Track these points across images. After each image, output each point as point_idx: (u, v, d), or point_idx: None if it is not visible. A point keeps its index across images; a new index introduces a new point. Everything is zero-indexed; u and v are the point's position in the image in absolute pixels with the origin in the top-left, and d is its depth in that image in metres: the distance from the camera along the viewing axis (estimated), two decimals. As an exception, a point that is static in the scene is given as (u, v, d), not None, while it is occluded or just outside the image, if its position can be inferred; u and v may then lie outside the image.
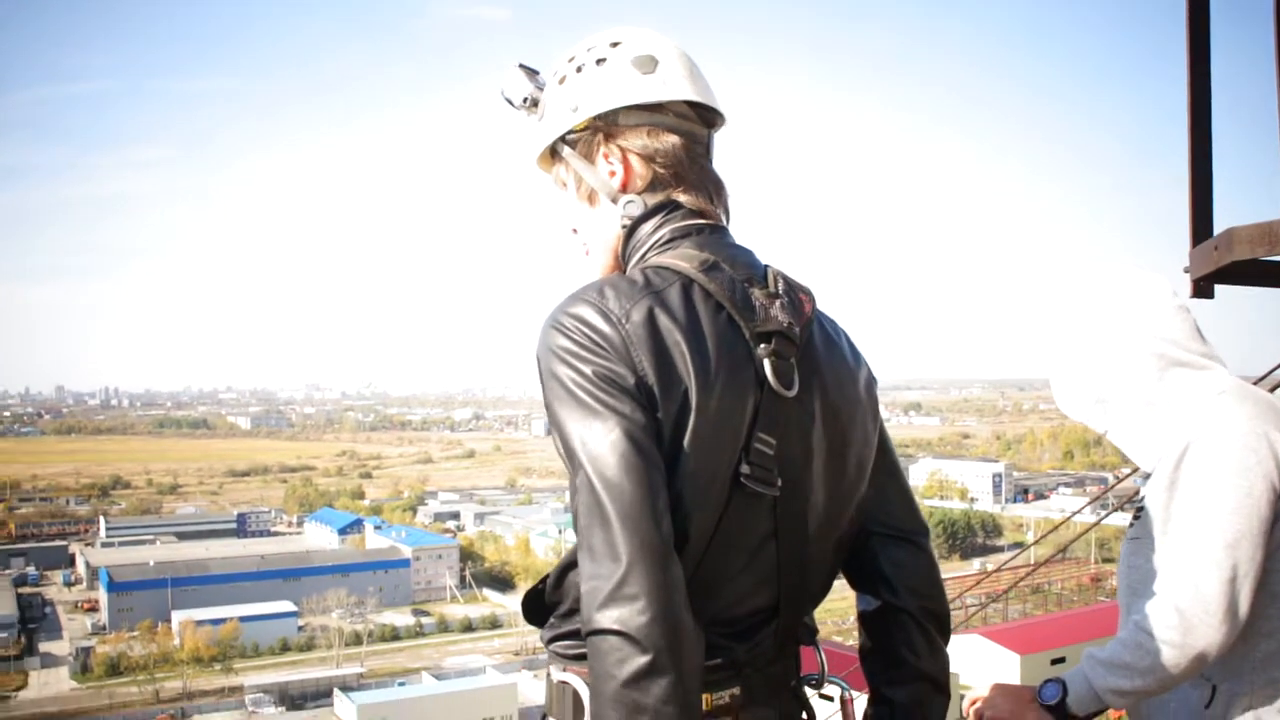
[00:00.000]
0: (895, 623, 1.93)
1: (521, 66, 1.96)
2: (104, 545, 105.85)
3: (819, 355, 1.80)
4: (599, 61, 1.86)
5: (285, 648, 77.39)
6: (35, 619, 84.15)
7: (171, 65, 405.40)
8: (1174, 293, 2.44)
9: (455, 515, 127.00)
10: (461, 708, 52.43)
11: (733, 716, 1.70)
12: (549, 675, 1.78)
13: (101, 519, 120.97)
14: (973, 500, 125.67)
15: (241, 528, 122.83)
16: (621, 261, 1.87)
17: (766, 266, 1.83)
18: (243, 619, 76.34)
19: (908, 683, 1.92)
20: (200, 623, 73.62)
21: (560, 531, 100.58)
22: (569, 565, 1.73)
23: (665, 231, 1.82)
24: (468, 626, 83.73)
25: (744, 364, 1.68)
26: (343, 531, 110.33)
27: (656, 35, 1.90)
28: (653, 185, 1.84)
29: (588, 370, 1.59)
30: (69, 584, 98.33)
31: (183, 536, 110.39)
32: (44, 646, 77.54)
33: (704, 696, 1.65)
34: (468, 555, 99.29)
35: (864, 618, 1.98)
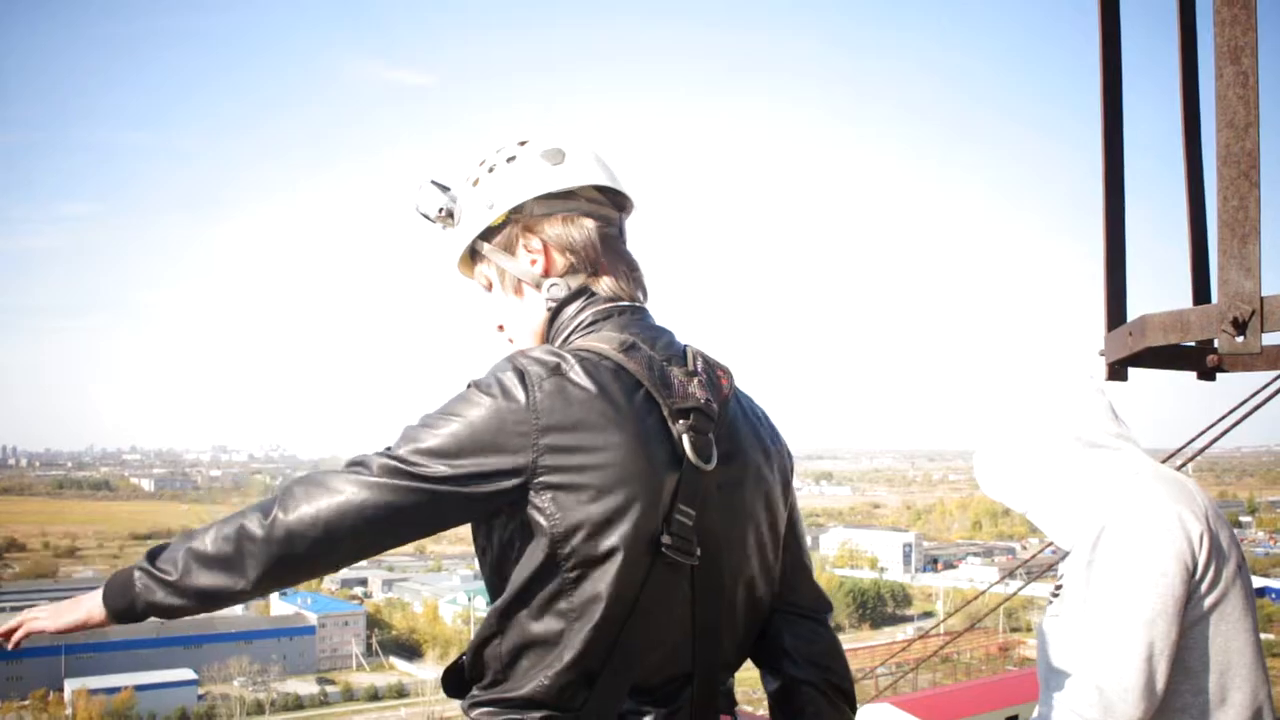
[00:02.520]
0: (801, 696, 1.98)
1: (434, 182, 2.04)
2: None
3: (737, 431, 1.89)
4: (509, 159, 1.98)
5: (184, 717, 74.94)
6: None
7: (94, 118, 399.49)
8: (1090, 377, 2.54)
9: (363, 581, 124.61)
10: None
11: None
12: None
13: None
14: (883, 570, 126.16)
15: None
16: (547, 344, 1.93)
17: (686, 346, 1.92)
18: (139, 688, 73.76)
19: None
20: (94, 691, 70.97)
21: (470, 599, 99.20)
22: (487, 638, 1.79)
23: (587, 315, 1.91)
24: (374, 695, 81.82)
25: (662, 439, 1.75)
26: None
27: (564, 130, 2.06)
28: (572, 269, 1.95)
29: (464, 431, 1.69)
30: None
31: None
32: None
33: None
34: (375, 622, 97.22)
35: (772, 696, 2.03)
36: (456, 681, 1.89)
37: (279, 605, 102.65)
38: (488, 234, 1.99)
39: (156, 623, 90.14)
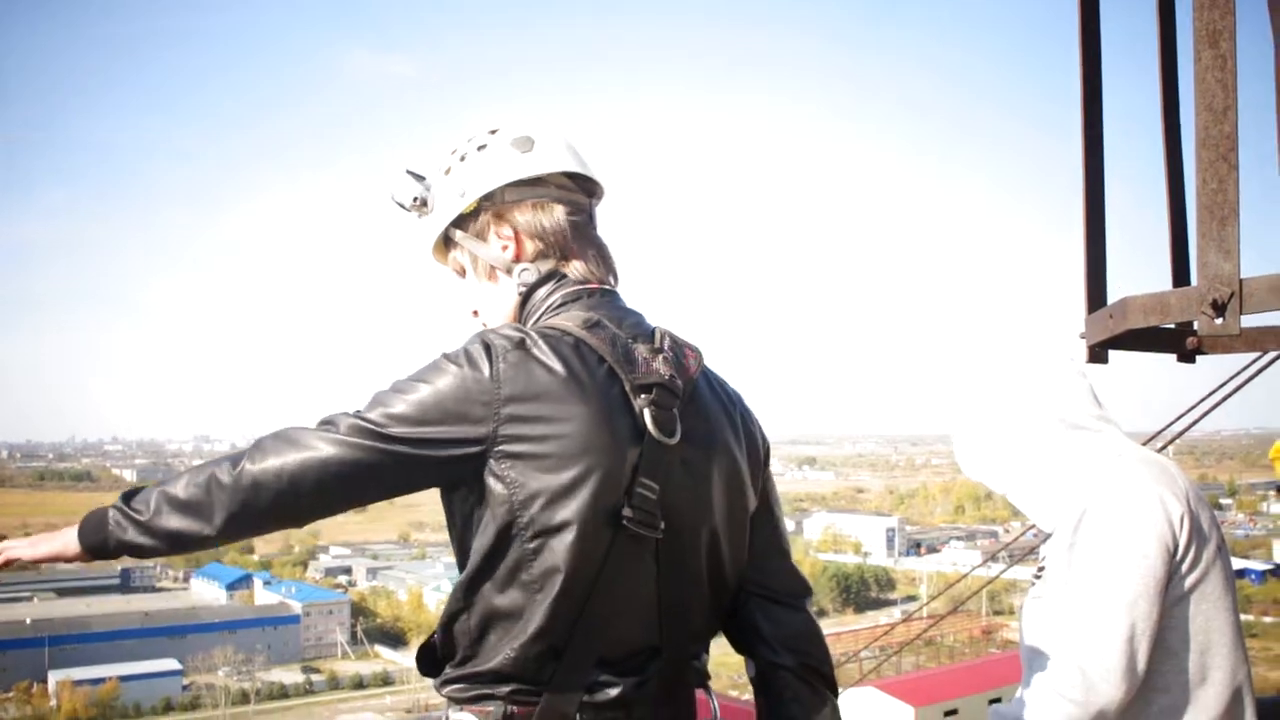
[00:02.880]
0: (780, 681, 2.01)
1: (408, 171, 2.08)
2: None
3: (704, 409, 1.93)
4: (480, 148, 2.03)
5: (169, 707, 74.86)
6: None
7: (77, 111, 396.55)
8: (1071, 359, 2.55)
9: (347, 570, 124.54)
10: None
11: None
12: (445, 717, 1.85)
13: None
14: (866, 554, 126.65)
15: (125, 583, 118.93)
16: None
17: (655, 327, 1.96)
18: (124, 678, 73.70)
19: None
20: (79, 682, 70.93)
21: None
22: (455, 614, 1.83)
23: (557, 297, 1.96)
24: (359, 683, 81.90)
25: (624, 413, 1.79)
26: (230, 587, 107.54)
27: (533, 119, 2.06)
28: (543, 255, 2.00)
29: (430, 399, 1.74)
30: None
31: (62, 593, 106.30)
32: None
33: None
34: (359, 611, 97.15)
35: (754, 682, 2.06)
36: (430, 660, 1.92)
37: (263, 594, 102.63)
38: (460, 221, 2.04)
39: (141, 612, 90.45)
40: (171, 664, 79.26)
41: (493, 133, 2.04)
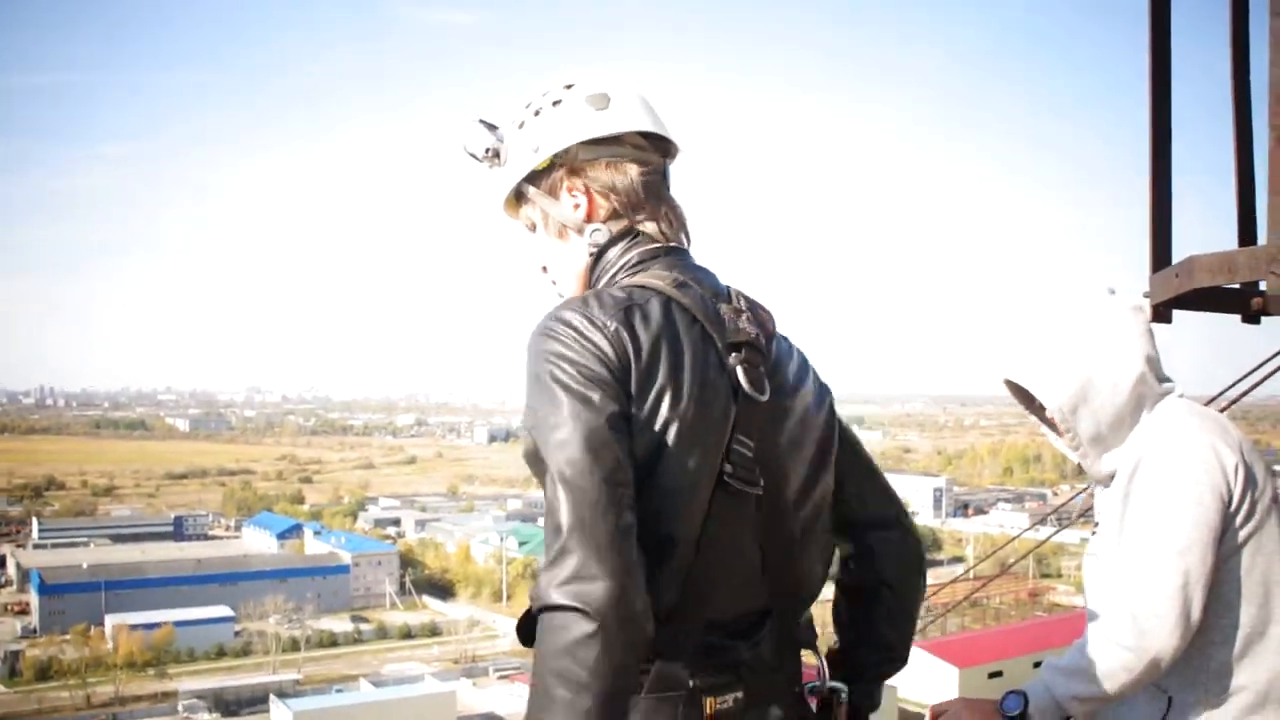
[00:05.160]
0: (871, 595, 2.11)
1: (481, 121, 2.04)
2: (36, 547, 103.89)
3: (783, 366, 1.93)
4: (555, 104, 1.98)
5: (221, 653, 76.30)
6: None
7: (136, 59, 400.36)
8: (1140, 309, 2.50)
9: (396, 521, 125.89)
10: (399, 715, 51.91)
11: None
12: None
13: (34, 520, 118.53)
14: (913, 514, 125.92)
15: (178, 531, 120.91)
16: (591, 287, 1.95)
17: (728, 287, 1.96)
18: (178, 624, 75.10)
19: (875, 648, 2.11)
20: (134, 627, 72.30)
21: (502, 539, 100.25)
22: None
23: (633, 255, 1.93)
24: (407, 634, 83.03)
25: (719, 372, 1.79)
26: (281, 536, 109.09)
27: (610, 74, 2.01)
28: (615, 215, 1.95)
29: (572, 370, 1.68)
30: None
31: (118, 539, 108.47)
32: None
33: (708, 701, 1.76)
34: (408, 562, 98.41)
35: (841, 585, 2.15)
36: (530, 628, 1.78)
37: (313, 544, 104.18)
38: (532, 177, 1.99)
39: (194, 559, 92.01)
40: (224, 610, 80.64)
41: (568, 88, 1.99)
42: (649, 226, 1.96)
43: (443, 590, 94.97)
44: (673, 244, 1.97)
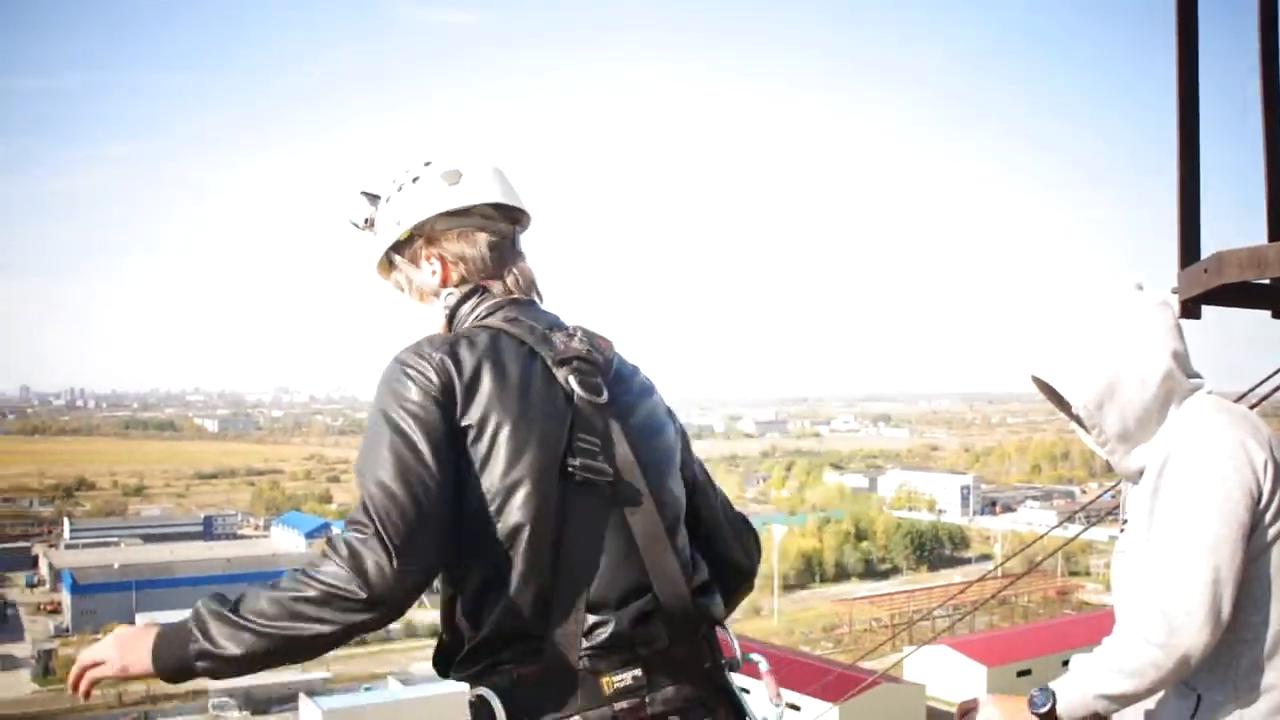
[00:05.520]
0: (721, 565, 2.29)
1: (363, 192, 2.34)
2: (68, 547, 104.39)
3: (627, 379, 2.19)
4: (414, 180, 2.27)
5: (250, 652, 76.63)
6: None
7: (138, 60, 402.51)
8: (1167, 303, 2.49)
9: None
10: (428, 713, 52.07)
11: (639, 699, 1.94)
12: (468, 699, 2.02)
13: (65, 520, 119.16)
14: (941, 512, 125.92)
15: (208, 530, 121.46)
16: None
17: (569, 324, 2.20)
18: (208, 622, 75.43)
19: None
20: (165, 626, 72.65)
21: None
22: (448, 600, 2.06)
23: (481, 309, 2.19)
24: (436, 631, 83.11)
25: (549, 383, 2.03)
26: (310, 535, 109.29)
27: (467, 151, 2.30)
28: (466, 279, 2.23)
29: (398, 404, 1.94)
30: (31, 585, 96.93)
31: (148, 539, 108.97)
32: (5, 649, 76.42)
33: (604, 680, 1.93)
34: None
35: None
36: (445, 660, 2.10)
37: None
38: (397, 246, 2.28)
39: (224, 558, 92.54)
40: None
41: (426, 165, 2.27)
42: (496, 287, 2.22)
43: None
44: (516, 296, 2.22)
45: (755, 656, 2.21)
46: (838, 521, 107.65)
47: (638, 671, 1.94)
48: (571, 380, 2.03)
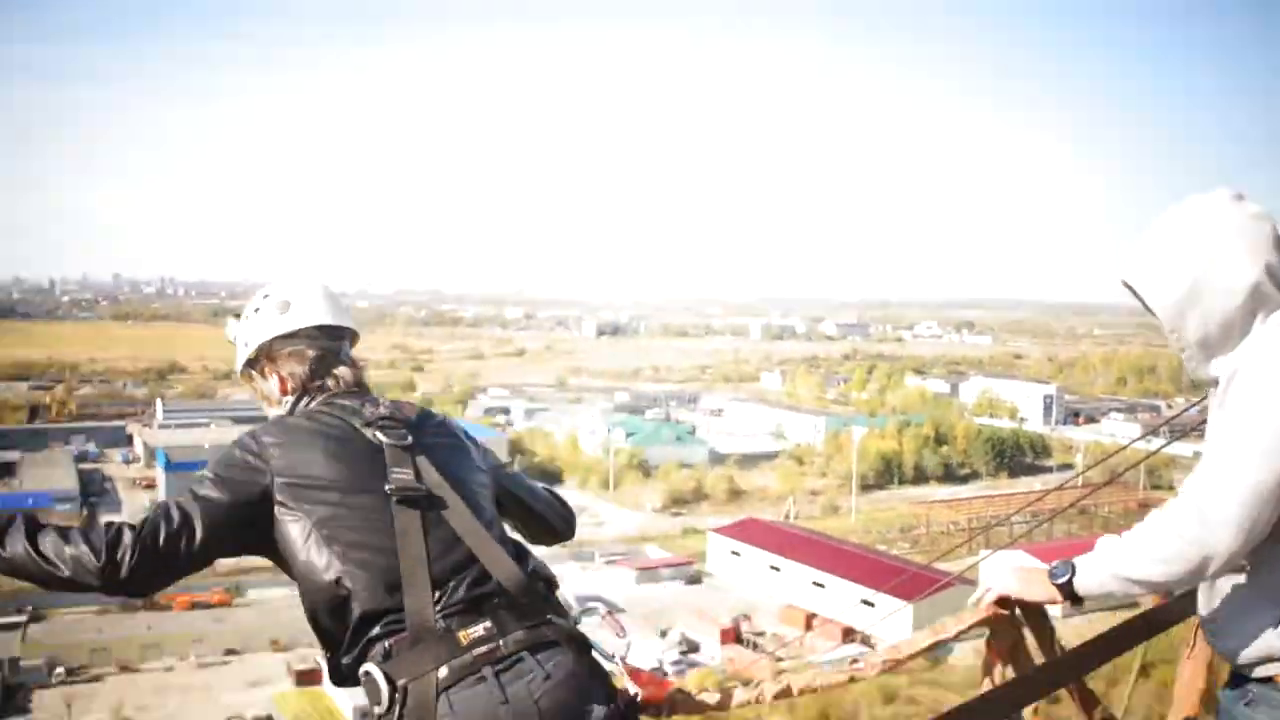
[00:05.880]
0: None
1: (235, 315, 2.88)
2: (161, 427, 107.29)
3: (431, 427, 2.69)
4: (256, 310, 2.83)
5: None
6: (95, 494, 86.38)
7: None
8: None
9: (505, 410, 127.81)
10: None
11: (494, 644, 2.28)
12: (360, 677, 2.34)
13: (158, 402, 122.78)
14: (1022, 420, 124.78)
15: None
16: None
17: (380, 399, 2.71)
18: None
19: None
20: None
21: (609, 430, 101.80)
22: (312, 616, 2.43)
23: (314, 405, 2.70)
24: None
25: (359, 439, 2.54)
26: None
27: (300, 280, 2.89)
28: (299, 388, 2.75)
29: (223, 466, 2.47)
30: (127, 462, 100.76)
31: (237, 420, 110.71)
32: (104, 519, 78.64)
33: (459, 634, 2.27)
34: (517, 449, 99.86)
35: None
36: (337, 673, 2.42)
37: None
38: (250, 362, 2.82)
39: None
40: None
41: (265, 297, 2.83)
42: (328, 384, 2.74)
43: (551, 477, 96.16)
44: (338, 391, 2.72)
45: (594, 604, 2.69)
46: (918, 425, 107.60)
47: (488, 623, 2.31)
48: (379, 434, 2.55)
